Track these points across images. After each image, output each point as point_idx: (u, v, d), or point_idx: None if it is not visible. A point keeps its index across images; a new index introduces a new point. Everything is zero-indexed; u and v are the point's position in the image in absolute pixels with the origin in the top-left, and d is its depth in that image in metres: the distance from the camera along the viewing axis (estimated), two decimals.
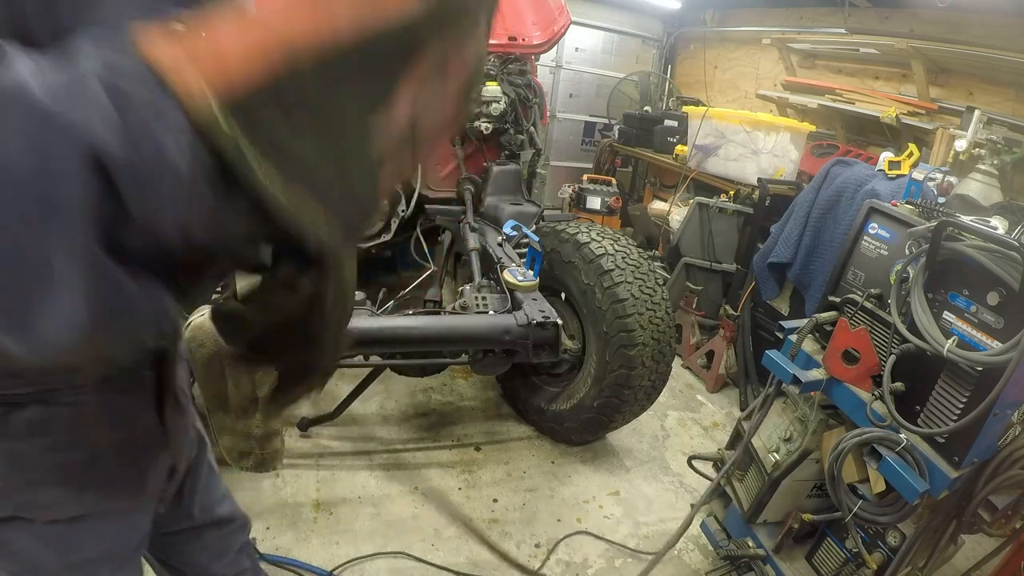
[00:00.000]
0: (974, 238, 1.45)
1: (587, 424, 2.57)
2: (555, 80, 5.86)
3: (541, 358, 2.26)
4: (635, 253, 2.45)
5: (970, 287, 1.45)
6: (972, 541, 1.92)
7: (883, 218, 1.76)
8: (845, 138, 4.05)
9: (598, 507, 2.44)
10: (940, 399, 1.47)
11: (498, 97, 2.90)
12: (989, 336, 1.39)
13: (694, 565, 2.22)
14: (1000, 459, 1.48)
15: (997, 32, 3.23)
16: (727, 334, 3.38)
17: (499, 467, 2.58)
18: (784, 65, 4.65)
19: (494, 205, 3.01)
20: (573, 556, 2.19)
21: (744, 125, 3.48)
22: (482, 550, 2.15)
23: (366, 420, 2.77)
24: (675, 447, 2.91)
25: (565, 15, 3.33)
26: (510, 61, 3.16)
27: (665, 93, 5.96)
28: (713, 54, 5.56)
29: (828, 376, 1.71)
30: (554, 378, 2.76)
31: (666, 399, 3.17)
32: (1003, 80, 3.28)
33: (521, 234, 2.68)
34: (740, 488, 2.01)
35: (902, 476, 1.44)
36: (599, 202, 4.57)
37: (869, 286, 1.75)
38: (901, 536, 1.60)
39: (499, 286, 2.42)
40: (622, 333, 2.32)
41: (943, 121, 3.32)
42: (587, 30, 5.78)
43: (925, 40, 3.51)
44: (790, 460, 1.80)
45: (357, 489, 2.33)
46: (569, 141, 6.15)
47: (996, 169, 2.50)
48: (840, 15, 4.08)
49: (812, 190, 3.00)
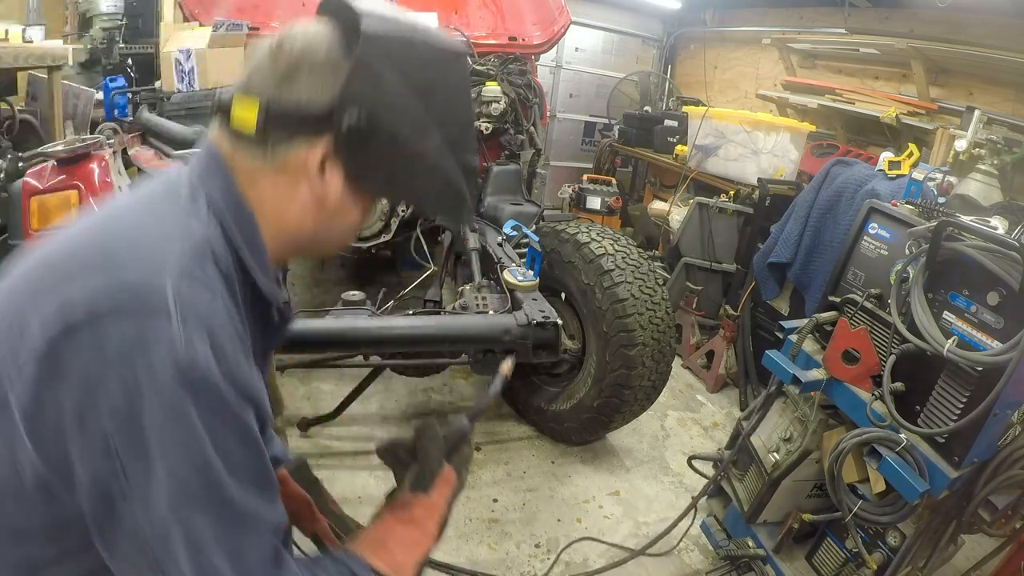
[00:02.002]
0: (974, 238, 1.44)
1: (587, 424, 2.57)
2: (555, 80, 5.86)
3: (541, 358, 2.26)
4: (635, 253, 2.45)
5: (970, 287, 1.45)
6: (972, 541, 1.92)
7: (883, 218, 1.76)
8: (845, 138, 4.05)
9: (598, 507, 2.44)
10: (940, 399, 1.47)
11: (498, 97, 2.89)
12: (989, 336, 1.39)
13: (694, 565, 2.22)
14: (1000, 459, 1.48)
15: (997, 32, 3.23)
16: (727, 334, 3.38)
17: (499, 467, 2.58)
18: (784, 65, 4.65)
19: (494, 205, 3.01)
20: (573, 556, 2.19)
21: (744, 125, 3.47)
22: (482, 550, 2.15)
23: (366, 420, 2.77)
24: (675, 447, 2.91)
25: (565, 15, 3.33)
26: (510, 61, 3.16)
27: (665, 93, 5.95)
28: (713, 54, 5.56)
29: (828, 376, 1.71)
30: (554, 378, 2.76)
31: (666, 399, 3.17)
32: (1003, 80, 3.28)
33: (521, 234, 2.67)
34: (740, 488, 2.01)
35: (902, 476, 1.44)
36: (599, 202, 4.57)
37: (869, 286, 1.75)
38: (901, 536, 1.60)
39: (499, 286, 2.42)
40: (622, 333, 2.32)
41: (943, 121, 3.32)
42: (587, 30, 5.78)
43: (925, 40, 3.51)
44: (790, 460, 1.80)
45: (357, 489, 2.33)
46: (569, 141, 6.15)
47: (996, 169, 2.49)
48: (840, 15, 4.08)
49: (812, 190, 3.00)
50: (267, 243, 0.72)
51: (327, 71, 0.67)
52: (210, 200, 0.67)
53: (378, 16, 0.70)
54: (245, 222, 0.69)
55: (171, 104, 2.23)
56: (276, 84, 0.67)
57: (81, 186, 1.75)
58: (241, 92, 0.69)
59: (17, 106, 2.94)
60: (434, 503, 0.82)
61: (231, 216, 0.68)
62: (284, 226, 0.72)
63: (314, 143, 0.68)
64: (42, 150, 1.88)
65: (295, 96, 0.67)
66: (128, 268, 0.59)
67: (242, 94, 0.68)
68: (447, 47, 0.76)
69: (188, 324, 0.57)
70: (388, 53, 0.69)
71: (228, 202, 0.68)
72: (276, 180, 0.70)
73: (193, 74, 2.24)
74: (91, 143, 1.81)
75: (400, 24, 0.72)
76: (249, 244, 0.69)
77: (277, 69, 0.67)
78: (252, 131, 0.67)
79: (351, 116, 0.67)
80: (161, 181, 0.73)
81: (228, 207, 0.68)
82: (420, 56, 0.72)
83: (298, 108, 0.67)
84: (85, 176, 1.76)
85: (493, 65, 3.06)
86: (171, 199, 0.68)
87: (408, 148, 0.72)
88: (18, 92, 3.21)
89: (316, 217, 0.73)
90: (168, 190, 0.69)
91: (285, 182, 0.70)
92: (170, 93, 2.26)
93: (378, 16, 0.70)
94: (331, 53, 0.68)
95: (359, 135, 0.68)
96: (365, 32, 0.68)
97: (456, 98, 0.78)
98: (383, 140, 0.70)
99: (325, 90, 0.67)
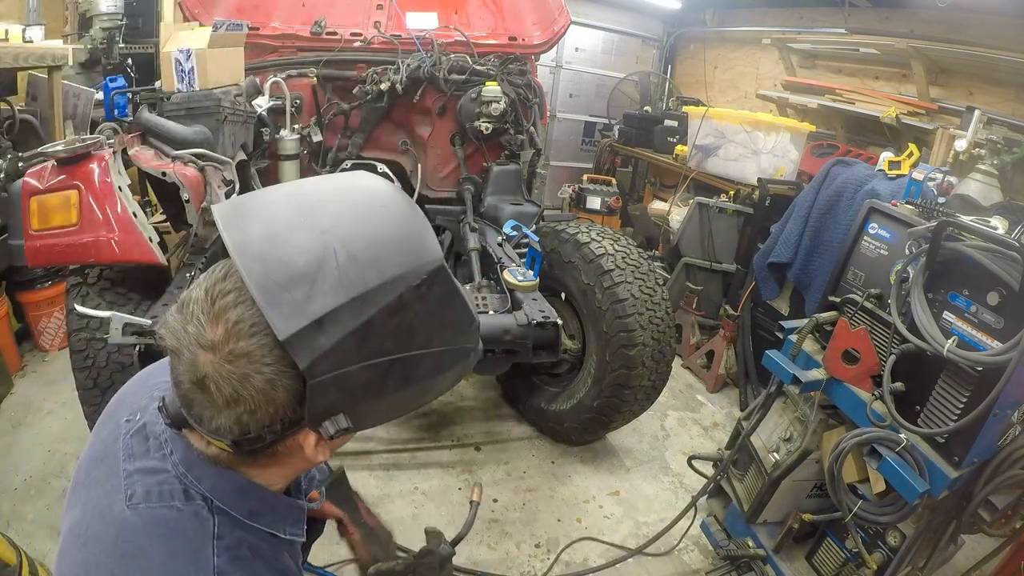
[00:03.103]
0: (974, 238, 1.44)
1: (587, 424, 2.57)
2: (555, 80, 5.86)
3: (541, 358, 2.26)
4: (635, 253, 2.45)
5: (970, 287, 1.44)
6: (972, 541, 1.92)
7: (883, 218, 1.76)
8: (845, 138, 4.05)
9: (598, 507, 2.44)
10: (940, 399, 1.47)
11: (498, 97, 2.89)
12: (989, 336, 1.39)
13: (694, 565, 2.22)
14: (1000, 459, 1.48)
15: (997, 32, 3.23)
16: (727, 334, 3.38)
17: (499, 467, 2.58)
18: (784, 65, 4.65)
19: (494, 205, 3.01)
20: (573, 556, 2.19)
21: (744, 125, 3.47)
22: (482, 549, 2.15)
23: None
24: (675, 447, 2.91)
25: (565, 15, 3.33)
26: (510, 61, 3.16)
27: (665, 93, 5.95)
28: (713, 54, 5.56)
29: (828, 376, 1.71)
30: (554, 378, 2.76)
31: (666, 399, 3.17)
32: (1003, 80, 3.27)
33: (521, 234, 2.67)
34: (740, 488, 2.01)
35: (902, 476, 1.44)
36: (599, 202, 4.57)
37: (869, 286, 1.75)
38: (901, 536, 1.60)
39: (499, 286, 2.42)
40: (622, 333, 2.32)
41: (943, 121, 3.32)
42: (587, 30, 5.78)
43: (925, 40, 3.51)
44: (790, 460, 1.80)
45: (357, 489, 2.33)
46: (569, 141, 6.15)
47: (996, 169, 2.49)
48: (840, 15, 4.08)
49: (812, 190, 3.00)
50: (278, 485, 0.75)
51: (281, 389, 0.59)
52: (205, 499, 0.69)
53: (313, 325, 0.56)
54: (248, 498, 0.71)
55: (171, 104, 2.22)
56: (231, 416, 0.60)
57: (81, 186, 1.75)
58: (197, 427, 0.64)
59: (17, 106, 2.94)
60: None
61: (231, 500, 0.70)
62: (292, 472, 0.76)
63: (296, 432, 0.64)
64: (42, 150, 1.87)
65: (258, 423, 0.61)
66: None
67: (200, 432, 0.64)
68: (409, 283, 0.62)
69: None
70: (343, 357, 0.58)
71: (224, 494, 0.69)
72: (277, 461, 0.70)
73: (193, 74, 2.24)
74: (91, 143, 1.81)
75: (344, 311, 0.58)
76: (255, 513, 0.71)
77: (218, 404, 0.60)
78: (230, 450, 0.65)
79: (335, 426, 0.62)
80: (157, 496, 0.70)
81: (222, 496, 0.69)
82: (379, 331, 0.60)
83: (268, 427, 0.62)
84: (85, 176, 1.76)
85: (493, 65, 3.06)
86: (174, 522, 0.67)
87: (378, 417, 0.71)
88: (18, 92, 3.21)
89: (321, 460, 0.72)
90: (169, 511, 0.68)
91: (284, 458, 0.69)
92: (170, 93, 2.26)
93: (313, 325, 0.56)
94: (272, 367, 0.58)
95: (331, 416, 0.62)
96: (306, 367, 0.57)
97: (435, 324, 0.67)
98: (356, 412, 0.64)
99: (290, 402, 0.60)
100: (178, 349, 0.60)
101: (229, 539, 0.68)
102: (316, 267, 0.58)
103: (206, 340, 0.59)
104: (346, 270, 0.59)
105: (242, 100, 2.45)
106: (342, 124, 3.15)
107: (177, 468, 0.70)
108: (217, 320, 0.59)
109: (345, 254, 0.60)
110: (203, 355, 0.59)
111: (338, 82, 3.06)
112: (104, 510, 0.70)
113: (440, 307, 0.66)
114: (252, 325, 0.58)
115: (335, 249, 0.59)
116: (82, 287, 1.96)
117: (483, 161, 3.23)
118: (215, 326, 0.59)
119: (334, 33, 3.03)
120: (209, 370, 0.59)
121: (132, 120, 2.41)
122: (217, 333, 0.58)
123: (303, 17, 3.06)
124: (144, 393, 0.80)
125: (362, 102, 3.03)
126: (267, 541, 0.72)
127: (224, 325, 0.58)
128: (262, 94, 2.72)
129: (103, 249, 1.75)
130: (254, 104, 2.61)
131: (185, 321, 0.60)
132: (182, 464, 0.70)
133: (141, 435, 0.73)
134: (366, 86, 2.97)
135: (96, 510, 0.70)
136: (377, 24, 3.10)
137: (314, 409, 0.60)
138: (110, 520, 0.68)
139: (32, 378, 2.88)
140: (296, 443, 0.65)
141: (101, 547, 0.68)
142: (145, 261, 1.80)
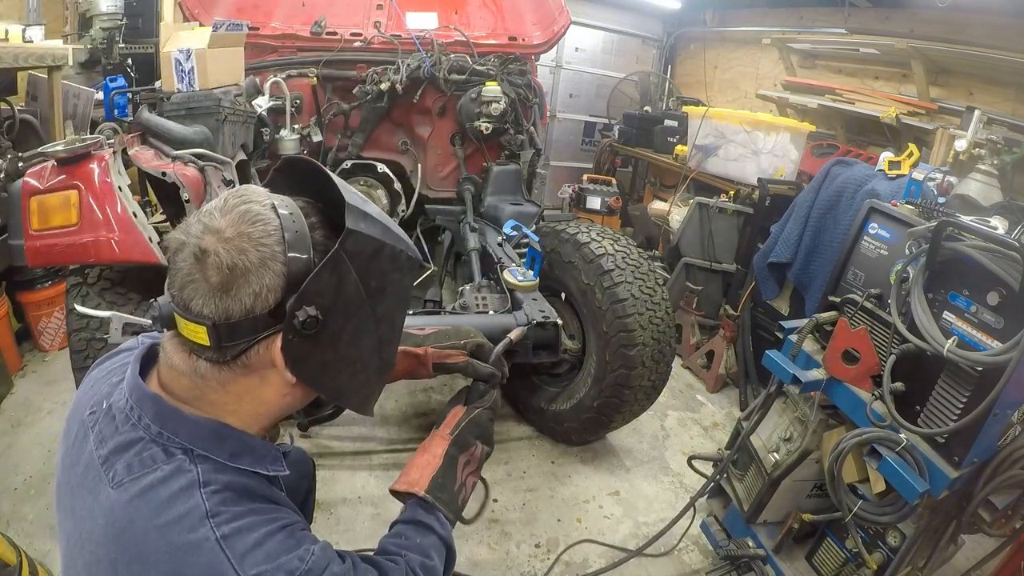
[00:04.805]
0: (974, 238, 1.44)
1: (587, 424, 2.57)
2: (555, 80, 5.86)
3: (541, 358, 2.26)
4: (635, 253, 2.45)
5: (970, 287, 1.44)
6: (972, 541, 1.92)
7: (883, 218, 1.76)
8: (845, 138, 4.05)
9: (598, 507, 2.44)
10: (940, 399, 1.47)
11: (498, 97, 2.89)
12: (989, 336, 1.39)
13: (694, 565, 2.22)
14: (1000, 459, 1.48)
15: (997, 32, 3.23)
16: (727, 334, 3.38)
17: (499, 467, 2.58)
18: (784, 65, 4.65)
19: (494, 205, 3.01)
20: (573, 556, 2.19)
21: (744, 125, 3.47)
22: (482, 550, 2.15)
23: (366, 420, 2.76)
24: (675, 447, 2.91)
25: (565, 15, 3.33)
26: (510, 61, 3.16)
27: (665, 93, 5.95)
28: (713, 54, 5.56)
29: (828, 376, 1.71)
30: (554, 378, 2.76)
31: (666, 399, 3.17)
32: (1003, 80, 3.27)
33: (521, 234, 2.67)
34: (740, 488, 2.01)
35: (902, 476, 1.44)
36: (599, 202, 4.57)
37: (869, 286, 1.75)
38: (901, 536, 1.60)
39: (499, 286, 2.42)
40: (622, 333, 2.31)
41: (943, 121, 3.32)
42: (587, 30, 5.78)
43: (925, 40, 3.50)
44: (790, 460, 1.80)
45: (357, 489, 2.33)
46: (569, 141, 6.15)
47: (996, 169, 2.49)
48: (840, 15, 4.08)
49: (812, 190, 3.00)
50: (253, 428, 0.77)
51: (269, 271, 0.67)
52: (186, 451, 0.70)
53: (360, 212, 0.71)
54: (226, 441, 0.73)
55: (171, 104, 2.22)
56: (217, 301, 0.66)
57: (81, 186, 1.75)
58: (182, 313, 0.68)
59: (17, 106, 2.94)
60: (441, 434, 1.06)
61: (210, 445, 0.72)
62: (265, 411, 0.77)
63: (273, 338, 0.70)
64: (42, 150, 1.87)
65: (240, 307, 0.66)
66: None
67: (185, 318, 0.68)
68: (407, 258, 0.79)
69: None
70: (358, 254, 0.71)
71: (202, 441, 0.71)
72: (248, 380, 0.73)
73: (193, 74, 2.24)
74: (91, 143, 1.80)
75: (376, 226, 0.73)
76: (235, 455, 0.73)
77: (210, 281, 0.66)
78: (208, 344, 0.68)
79: (305, 314, 0.67)
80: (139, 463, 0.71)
81: (201, 443, 0.71)
82: (382, 263, 0.75)
83: (248, 316, 0.67)
84: (85, 176, 1.76)
85: (493, 65, 3.06)
86: (159, 482, 0.68)
87: (345, 350, 0.75)
88: (18, 92, 3.21)
89: (292, 400, 0.77)
90: (152, 474, 0.69)
91: (257, 378, 0.73)
92: (170, 93, 2.25)
93: (360, 212, 0.71)
94: (268, 248, 0.67)
95: (306, 333, 0.68)
96: (349, 231, 0.69)
97: (400, 302, 0.83)
98: (325, 340, 0.71)
99: (274, 290, 0.67)
100: (183, 243, 0.67)
101: (215, 484, 0.69)
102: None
103: (214, 226, 0.67)
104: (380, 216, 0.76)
105: (242, 100, 2.45)
106: (342, 124, 3.15)
107: (150, 430, 0.71)
108: (229, 212, 0.68)
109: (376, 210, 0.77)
110: (209, 237, 0.66)
111: (338, 82, 3.06)
112: (92, 507, 0.71)
113: (407, 294, 0.85)
114: (258, 214, 0.67)
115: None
116: (82, 287, 1.96)
117: (483, 161, 3.23)
118: (226, 216, 0.68)
119: (334, 33, 3.03)
120: (211, 245, 0.65)
121: (132, 120, 2.41)
122: (227, 220, 0.67)
123: (303, 17, 3.06)
124: (102, 384, 0.81)
125: (362, 102, 3.03)
126: (254, 480, 0.75)
127: (234, 214, 0.67)
128: (262, 94, 2.72)
129: (103, 249, 1.75)
130: (254, 104, 2.61)
131: (197, 219, 0.69)
132: (155, 423, 0.71)
133: (108, 416, 0.75)
134: (366, 86, 2.97)
135: (86, 511, 0.71)
136: (377, 24, 3.10)
137: (298, 284, 0.67)
138: (99, 511, 0.70)
139: (32, 378, 2.88)
140: (267, 357, 0.71)
141: (96, 540, 0.69)
142: (145, 261, 1.80)
